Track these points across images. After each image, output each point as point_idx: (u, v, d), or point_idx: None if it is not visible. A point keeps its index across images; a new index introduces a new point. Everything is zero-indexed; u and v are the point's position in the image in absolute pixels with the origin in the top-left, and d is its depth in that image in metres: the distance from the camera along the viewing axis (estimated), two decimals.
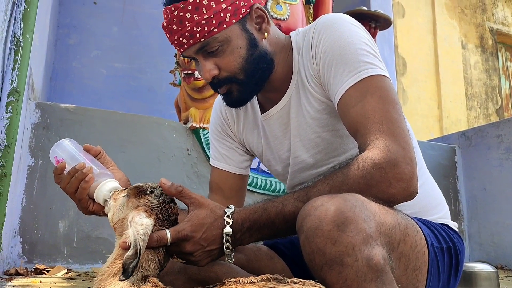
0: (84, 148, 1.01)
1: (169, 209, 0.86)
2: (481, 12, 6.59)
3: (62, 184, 0.97)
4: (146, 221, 0.81)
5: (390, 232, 0.80)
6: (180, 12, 0.95)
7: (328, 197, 0.76)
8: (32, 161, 2.33)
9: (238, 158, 1.25)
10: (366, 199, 0.79)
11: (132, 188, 0.87)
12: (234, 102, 1.07)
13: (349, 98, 0.92)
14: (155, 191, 0.86)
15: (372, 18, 3.11)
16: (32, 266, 2.19)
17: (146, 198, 0.85)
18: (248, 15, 1.00)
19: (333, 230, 0.72)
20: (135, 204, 0.85)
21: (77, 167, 0.94)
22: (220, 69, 1.00)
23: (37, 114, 2.39)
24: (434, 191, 1.11)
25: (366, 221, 0.74)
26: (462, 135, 3.82)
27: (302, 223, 0.76)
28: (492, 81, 6.45)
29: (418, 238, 0.89)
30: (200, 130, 2.74)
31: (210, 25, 0.95)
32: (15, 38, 1.65)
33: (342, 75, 0.93)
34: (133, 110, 3.52)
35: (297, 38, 1.08)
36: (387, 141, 0.86)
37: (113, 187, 0.93)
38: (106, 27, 4.08)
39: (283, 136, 1.12)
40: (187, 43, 0.98)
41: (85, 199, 0.96)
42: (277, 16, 2.83)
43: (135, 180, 2.77)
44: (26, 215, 2.27)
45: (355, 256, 0.71)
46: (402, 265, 0.85)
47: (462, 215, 3.68)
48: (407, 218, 0.89)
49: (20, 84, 1.67)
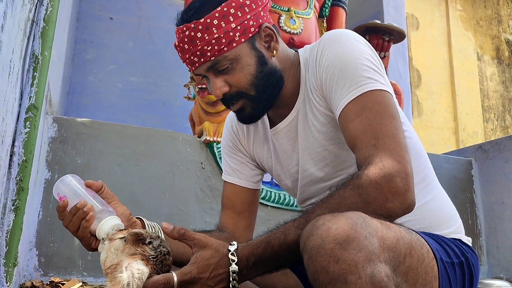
0: (85, 184, 1.02)
1: (163, 260, 0.85)
2: (496, 24, 6.54)
3: (65, 222, 0.99)
4: (143, 268, 0.81)
5: (394, 246, 0.80)
6: (191, 31, 0.98)
7: (330, 216, 0.77)
8: (49, 174, 2.36)
9: (249, 172, 1.27)
10: (367, 216, 0.79)
11: (132, 234, 0.86)
12: (247, 118, 1.09)
13: (348, 112, 0.94)
14: (154, 242, 0.86)
15: (385, 31, 3.10)
16: (48, 279, 2.21)
17: (144, 247, 0.85)
18: (257, 34, 1.03)
19: (335, 248, 0.72)
20: (132, 251, 0.84)
21: (78, 206, 0.96)
22: (230, 86, 1.02)
23: (54, 128, 2.43)
24: (446, 206, 1.10)
25: (368, 238, 0.74)
26: (479, 148, 3.77)
27: (305, 243, 0.77)
28: (509, 92, 6.37)
29: (424, 252, 0.89)
30: (214, 143, 2.75)
31: (220, 44, 0.98)
32: (34, 55, 1.69)
33: (342, 90, 0.95)
34: (148, 123, 3.56)
35: (305, 54, 1.11)
36: (382, 157, 0.87)
37: (114, 224, 0.94)
38: (122, 42, 4.16)
39: (292, 150, 1.14)
40: (198, 61, 1.01)
41: (87, 237, 0.98)
42: (290, 30, 2.84)
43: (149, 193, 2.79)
44: (42, 228, 2.30)
45: (358, 273, 0.71)
46: (411, 279, 0.84)
47: (480, 229, 3.61)
48: (410, 231, 0.89)
49: (38, 100, 1.71)
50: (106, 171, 2.46)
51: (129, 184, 2.49)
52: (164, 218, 2.49)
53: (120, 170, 2.52)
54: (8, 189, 1.69)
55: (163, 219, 1.26)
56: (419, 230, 0.97)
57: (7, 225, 1.73)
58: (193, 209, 2.66)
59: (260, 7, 1.04)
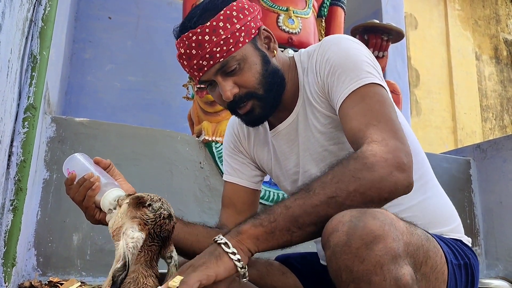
0: (94, 161, 1.08)
1: (162, 225, 0.85)
2: (495, 23, 6.55)
3: (71, 193, 1.02)
4: (137, 234, 0.81)
5: (414, 253, 0.80)
6: (198, 36, 1.00)
7: (356, 212, 0.76)
8: (48, 174, 2.36)
9: (250, 172, 1.28)
10: (395, 217, 0.79)
11: (134, 198, 0.88)
12: (257, 119, 1.11)
13: (349, 102, 0.96)
14: (154, 204, 0.86)
15: (384, 31, 3.10)
16: (46, 279, 2.21)
17: (143, 210, 0.85)
18: (258, 36, 1.07)
19: (361, 248, 0.72)
20: (132, 214, 0.85)
21: (85, 177, 1.00)
22: (239, 87, 1.04)
23: (53, 128, 2.43)
24: (444, 204, 1.11)
25: (395, 240, 0.74)
26: (477, 148, 3.78)
27: (329, 238, 0.76)
28: (507, 92, 6.38)
29: (438, 259, 0.89)
30: (212, 143, 2.75)
31: (228, 44, 1.00)
32: (32, 55, 1.69)
33: (344, 83, 0.98)
34: (147, 123, 3.56)
35: (301, 58, 1.14)
36: (384, 136, 0.88)
37: (117, 195, 0.96)
38: (120, 41, 4.15)
39: (290, 152, 1.15)
40: (207, 64, 1.02)
41: (91, 207, 1.01)
42: (289, 30, 2.84)
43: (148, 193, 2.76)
44: (41, 228, 2.29)
45: (383, 275, 0.71)
46: (423, 287, 0.85)
47: (478, 229, 3.61)
48: (429, 238, 0.90)
49: (37, 100, 1.71)
50: None
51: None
52: None
53: (119, 170, 2.52)
54: (6, 189, 1.69)
55: None
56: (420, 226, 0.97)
57: (6, 225, 1.72)
58: (191, 208, 2.66)
59: (256, 12, 1.08)
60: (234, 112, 1.10)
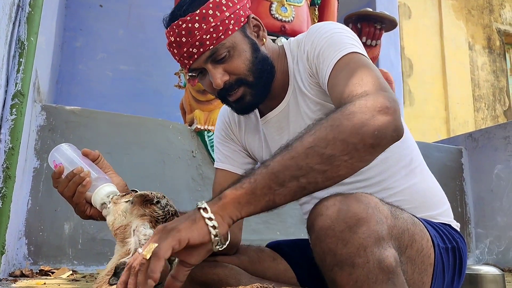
0: (82, 153, 1.03)
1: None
2: (488, 13, 6.55)
3: (60, 188, 0.99)
4: (149, 231, 0.82)
5: (399, 236, 0.80)
6: (188, 24, 1.00)
7: (341, 196, 0.76)
8: (38, 163, 2.34)
9: (241, 160, 1.28)
10: (379, 201, 0.79)
11: (138, 196, 0.87)
12: (247, 106, 1.10)
13: (334, 71, 0.96)
14: (161, 201, 0.86)
15: (377, 19, 3.09)
16: (37, 268, 2.20)
17: (152, 208, 0.85)
18: (247, 24, 1.07)
19: (345, 231, 0.72)
20: (141, 212, 0.85)
21: (75, 171, 0.96)
22: (229, 74, 1.04)
23: (43, 116, 2.40)
24: (434, 188, 1.12)
25: (379, 223, 0.74)
26: (469, 137, 3.79)
27: (314, 222, 0.76)
28: (499, 82, 6.40)
29: (424, 242, 0.90)
30: (204, 132, 2.74)
31: (218, 31, 1.00)
32: (20, 40, 1.66)
33: (329, 57, 0.99)
34: (139, 112, 3.53)
35: (291, 46, 1.14)
36: (365, 88, 0.85)
37: (110, 191, 0.95)
38: (112, 30, 4.11)
39: (280, 140, 1.16)
40: (197, 52, 1.02)
41: (82, 203, 0.98)
42: (282, 18, 2.82)
43: (140, 182, 2.78)
44: (31, 217, 2.28)
45: (366, 257, 0.71)
46: (409, 270, 0.85)
47: (469, 217, 3.64)
48: (415, 222, 0.90)
49: (25, 87, 1.68)
50: None
51: (119, 173, 2.46)
52: None
53: (110, 159, 2.49)
54: None
55: None
56: (408, 210, 0.98)
57: None
58: (184, 197, 2.65)
59: (245, 0, 1.08)
60: (224, 100, 1.10)
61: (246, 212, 0.78)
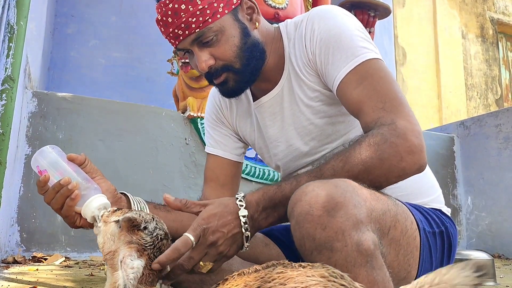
0: (68, 158, 0.96)
1: (161, 247, 0.82)
2: (481, 2, 6.55)
3: (47, 199, 0.94)
4: (137, 263, 0.78)
5: (380, 218, 0.80)
6: (175, 4, 0.97)
7: (319, 183, 0.76)
8: (30, 150, 2.33)
9: (232, 144, 1.27)
10: (357, 185, 0.79)
11: (126, 220, 0.82)
12: (230, 92, 1.08)
13: (349, 81, 0.94)
14: (149, 226, 0.82)
15: (371, 6, 3.08)
16: (30, 255, 2.20)
17: (139, 234, 0.81)
18: (240, 6, 1.03)
19: (323, 215, 0.72)
20: (128, 239, 0.81)
21: (62, 183, 0.90)
22: (215, 59, 1.01)
23: (34, 103, 2.38)
24: (426, 175, 1.12)
25: (357, 207, 0.74)
26: (461, 125, 3.82)
27: (293, 208, 0.77)
28: (492, 71, 6.43)
29: (408, 223, 0.90)
30: (198, 119, 2.73)
31: (204, 15, 0.97)
32: (9, 25, 1.64)
33: (340, 61, 0.96)
34: (132, 99, 3.51)
35: (288, 29, 1.10)
36: (393, 118, 0.88)
37: (101, 204, 0.90)
38: (104, 16, 4.06)
39: (272, 125, 1.15)
40: (183, 34, 0.99)
41: (71, 216, 0.94)
42: (275, 5, 2.80)
43: (132, 170, 2.76)
44: (24, 204, 2.27)
45: (344, 241, 0.71)
46: (393, 251, 0.85)
47: (460, 204, 3.68)
48: (397, 204, 0.90)
49: (15, 72, 1.66)
50: (88, 146, 2.43)
51: (112, 160, 2.47)
52: (148, 194, 2.48)
53: (102, 146, 2.50)
54: None
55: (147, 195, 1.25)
56: (401, 197, 0.98)
57: None
58: (177, 184, 2.65)
59: None
60: (210, 82, 1.08)
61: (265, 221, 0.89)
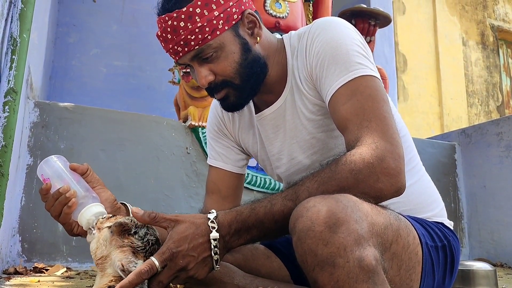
0: (70, 167, 1.00)
1: (152, 252, 0.83)
2: (482, 9, 6.57)
3: (47, 206, 0.97)
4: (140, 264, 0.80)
5: (382, 232, 0.80)
6: (174, 21, 0.97)
7: (320, 198, 0.76)
8: (31, 160, 2.33)
9: (234, 156, 1.26)
10: (358, 199, 0.79)
11: (117, 225, 0.84)
12: (231, 106, 1.08)
13: (339, 96, 0.94)
14: (140, 231, 0.83)
15: (371, 15, 3.09)
16: (31, 265, 2.20)
17: (130, 238, 0.83)
18: (240, 21, 1.02)
19: (324, 231, 0.72)
20: (119, 243, 0.82)
21: (61, 191, 0.93)
22: (215, 75, 1.01)
23: (36, 113, 2.39)
24: (429, 189, 1.11)
25: (358, 222, 0.74)
26: (462, 133, 3.81)
27: (295, 224, 0.77)
28: (493, 78, 6.43)
29: (410, 239, 0.89)
30: (199, 128, 2.74)
31: (204, 32, 0.97)
32: (12, 37, 1.65)
33: (333, 75, 0.95)
34: (133, 108, 3.52)
35: (291, 41, 1.10)
36: (375, 138, 0.87)
37: (96, 212, 0.92)
38: (105, 25, 4.08)
39: (274, 138, 1.14)
40: (182, 51, 0.99)
41: (69, 223, 0.96)
42: (276, 14, 2.82)
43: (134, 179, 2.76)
44: (25, 214, 2.27)
45: (346, 257, 0.71)
46: (395, 266, 0.85)
47: (462, 212, 3.67)
48: (399, 218, 0.89)
49: (18, 84, 1.67)
50: (90, 156, 2.44)
51: (114, 169, 2.47)
52: (149, 203, 2.48)
53: (104, 155, 2.50)
54: None
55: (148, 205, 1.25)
56: (404, 212, 0.97)
57: None
58: (178, 194, 2.65)
59: None
60: (212, 96, 1.08)
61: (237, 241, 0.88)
